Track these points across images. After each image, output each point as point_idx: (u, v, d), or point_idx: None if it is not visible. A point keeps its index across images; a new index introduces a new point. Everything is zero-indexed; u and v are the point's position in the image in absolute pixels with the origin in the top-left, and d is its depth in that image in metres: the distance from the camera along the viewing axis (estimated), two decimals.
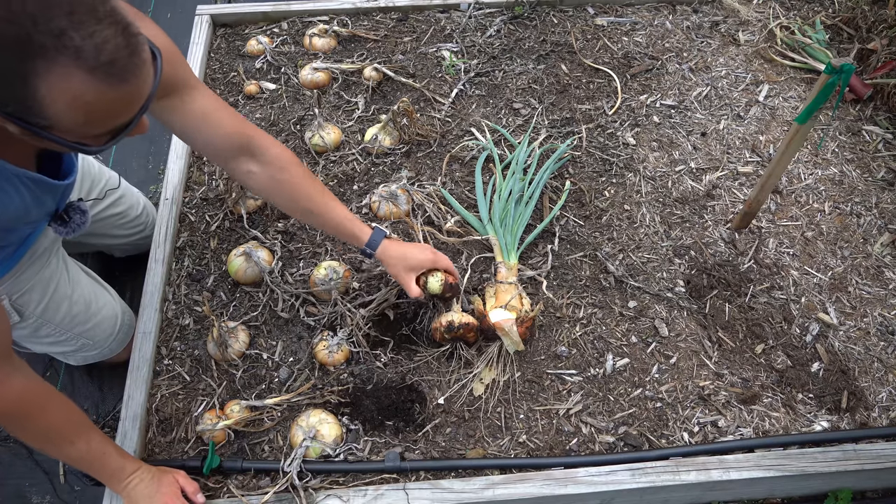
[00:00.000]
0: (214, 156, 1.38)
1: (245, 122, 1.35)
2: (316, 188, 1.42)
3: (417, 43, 2.26)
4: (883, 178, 1.97)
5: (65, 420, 1.20)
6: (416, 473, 1.42)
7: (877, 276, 1.77)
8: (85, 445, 1.22)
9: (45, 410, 1.16)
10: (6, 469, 1.81)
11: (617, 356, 1.60)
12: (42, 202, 1.15)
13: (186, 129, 1.27)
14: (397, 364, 1.57)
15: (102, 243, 1.91)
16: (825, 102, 1.38)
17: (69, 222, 1.27)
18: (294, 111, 2.06)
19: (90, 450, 1.23)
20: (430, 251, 1.52)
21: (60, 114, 0.80)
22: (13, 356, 1.14)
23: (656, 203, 1.88)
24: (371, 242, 1.45)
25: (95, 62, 0.77)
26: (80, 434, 1.22)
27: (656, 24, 2.34)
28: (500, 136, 2.01)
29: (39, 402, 1.16)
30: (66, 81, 0.77)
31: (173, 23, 2.86)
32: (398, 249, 1.48)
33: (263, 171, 1.36)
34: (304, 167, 1.42)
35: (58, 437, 1.20)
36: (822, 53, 2.19)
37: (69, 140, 0.86)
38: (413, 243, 1.56)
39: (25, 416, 1.15)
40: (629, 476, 1.38)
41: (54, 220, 1.26)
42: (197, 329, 1.63)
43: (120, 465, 1.27)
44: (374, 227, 1.47)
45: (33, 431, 1.19)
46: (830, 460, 1.41)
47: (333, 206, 1.43)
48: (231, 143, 1.31)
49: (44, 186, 1.11)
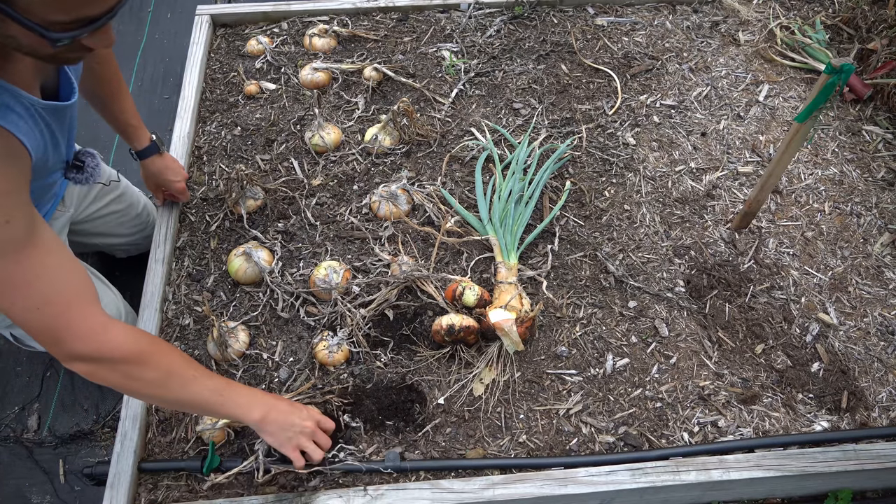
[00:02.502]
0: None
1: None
2: (118, 88, 1.52)
3: (417, 43, 2.26)
4: (883, 178, 1.97)
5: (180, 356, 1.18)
6: (416, 473, 1.42)
7: (877, 276, 1.77)
8: (209, 379, 1.20)
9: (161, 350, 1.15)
10: (6, 469, 1.81)
11: (617, 356, 1.60)
12: (55, 140, 1.15)
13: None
14: (397, 364, 1.57)
15: (104, 242, 1.91)
16: (825, 102, 1.38)
17: (84, 167, 1.30)
18: (294, 111, 2.06)
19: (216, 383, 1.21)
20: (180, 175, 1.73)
21: None
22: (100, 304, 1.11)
23: (656, 203, 1.88)
24: (142, 152, 1.64)
25: None
26: (199, 367, 1.20)
27: (656, 24, 2.34)
28: (500, 136, 2.01)
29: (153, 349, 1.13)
30: None
31: (173, 23, 2.86)
32: (158, 165, 1.68)
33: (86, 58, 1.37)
34: (117, 68, 1.51)
35: (179, 376, 1.17)
36: (822, 53, 2.19)
37: (30, 20, 0.82)
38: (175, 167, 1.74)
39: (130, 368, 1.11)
40: (629, 476, 1.38)
41: (70, 170, 1.29)
42: (197, 329, 1.63)
43: (250, 393, 1.27)
44: (152, 141, 1.64)
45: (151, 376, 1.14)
46: (830, 460, 1.41)
47: (125, 108, 1.56)
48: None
49: (53, 113, 1.11)
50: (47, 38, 0.85)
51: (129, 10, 2.90)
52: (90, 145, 1.81)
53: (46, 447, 1.84)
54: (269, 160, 1.95)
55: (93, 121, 2.55)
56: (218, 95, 2.12)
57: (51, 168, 1.19)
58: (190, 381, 1.18)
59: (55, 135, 1.14)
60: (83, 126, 2.52)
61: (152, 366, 1.13)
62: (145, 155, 1.65)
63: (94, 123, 2.54)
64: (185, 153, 1.93)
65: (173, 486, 1.41)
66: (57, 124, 1.14)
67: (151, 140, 1.64)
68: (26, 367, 1.98)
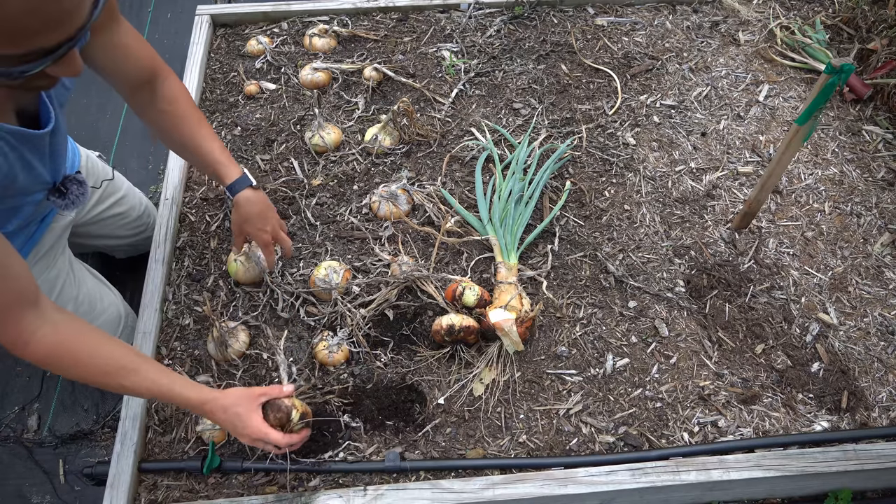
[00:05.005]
0: (122, 87, 1.35)
1: (154, 53, 1.36)
2: (196, 125, 1.41)
3: (417, 43, 2.26)
4: (883, 178, 1.97)
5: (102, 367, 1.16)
6: (416, 473, 1.42)
7: (877, 276, 1.77)
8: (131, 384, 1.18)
9: (77, 361, 1.14)
10: (6, 469, 1.81)
11: (617, 356, 1.60)
12: (29, 164, 1.12)
13: (104, 63, 1.26)
14: (397, 364, 1.57)
15: (104, 244, 1.91)
16: (825, 102, 1.38)
17: (67, 194, 1.26)
18: (294, 111, 2.07)
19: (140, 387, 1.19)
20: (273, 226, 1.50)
21: None
22: (40, 304, 1.10)
23: (656, 203, 1.88)
24: (232, 186, 1.44)
25: None
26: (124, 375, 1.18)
27: (656, 24, 2.34)
28: (500, 136, 2.01)
29: (70, 354, 1.13)
30: None
31: (173, 23, 2.86)
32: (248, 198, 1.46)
33: (158, 101, 1.36)
34: (193, 104, 1.42)
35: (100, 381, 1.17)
36: (822, 53, 2.19)
37: None
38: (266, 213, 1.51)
39: (60, 368, 1.13)
40: (629, 476, 1.38)
41: (52, 194, 1.26)
42: (197, 329, 1.63)
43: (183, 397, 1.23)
44: (243, 174, 1.45)
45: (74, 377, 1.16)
46: (830, 460, 1.41)
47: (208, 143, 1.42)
48: (141, 76, 1.32)
49: (24, 140, 1.08)
50: (3, 73, 0.83)
51: (129, 10, 2.91)
52: (90, 145, 1.81)
53: (46, 447, 1.84)
54: (269, 160, 1.95)
55: (92, 120, 2.56)
56: (218, 95, 2.12)
57: (23, 189, 1.16)
58: (114, 385, 1.18)
59: (26, 158, 1.11)
60: (83, 126, 2.53)
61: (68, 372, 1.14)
62: (234, 191, 1.45)
63: (93, 123, 2.55)
64: None
65: (173, 486, 1.41)
66: (29, 149, 1.11)
67: (243, 173, 1.46)
68: (26, 367, 1.98)
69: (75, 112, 2.53)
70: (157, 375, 1.20)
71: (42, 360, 1.11)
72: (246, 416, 1.25)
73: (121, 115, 2.55)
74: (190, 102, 1.41)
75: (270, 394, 1.30)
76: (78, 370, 1.14)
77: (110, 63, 1.27)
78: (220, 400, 1.25)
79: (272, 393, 1.31)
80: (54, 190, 1.26)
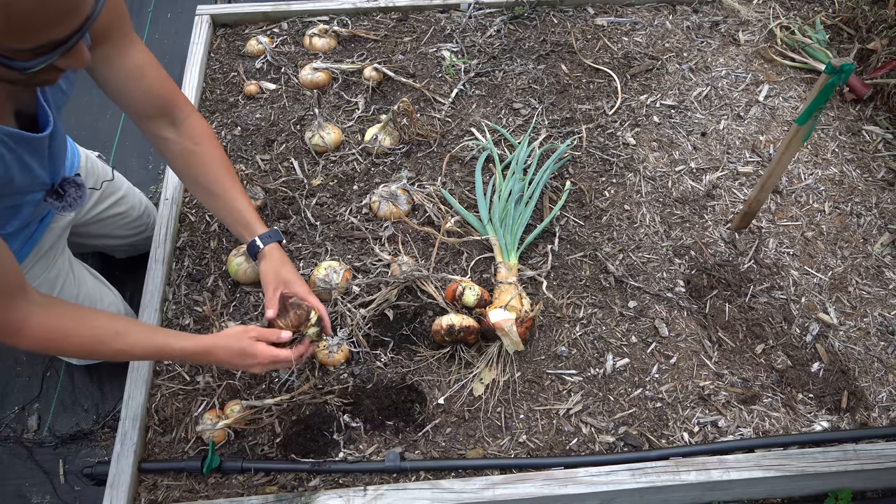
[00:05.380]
0: (135, 114, 1.33)
1: (173, 86, 1.33)
2: (224, 172, 1.38)
3: (417, 43, 2.26)
4: (883, 178, 1.97)
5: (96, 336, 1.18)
6: (416, 473, 1.42)
7: (877, 276, 1.77)
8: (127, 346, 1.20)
9: (70, 335, 1.15)
10: (6, 469, 1.81)
11: (617, 356, 1.60)
12: (27, 165, 1.12)
13: (116, 85, 1.25)
14: (397, 364, 1.57)
15: (103, 244, 1.91)
16: (825, 103, 1.38)
17: (65, 196, 1.26)
18: (294, 111, 2.07)
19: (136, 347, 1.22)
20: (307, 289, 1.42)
21: None
22: (27, 290, 1.11)
23: (656, 203, 1.88)
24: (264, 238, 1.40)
25: None
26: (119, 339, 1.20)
27: (656, 24, 2.34)
28: (500, 136, 2.01)
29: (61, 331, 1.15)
30: None
31: (173, 23, 2.86)
32: (282, 257, 1.42)
33: (178, 140, 1.34)
34: (219, 147, 1.40)
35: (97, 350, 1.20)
36: (822, 53, 2.19)
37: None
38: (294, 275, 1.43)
39: (54, 347, 1.16)
40: (629, 476, 1.38)
41: (49, 195, 1.25)
42: (197, 329, 1.63)
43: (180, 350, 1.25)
44: (273, 229, 1.42)
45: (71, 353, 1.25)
46: (830, 460, 1.41)
47: (237, 194, 1.39)
48: (155, 105, 1.30)
49: (22, 142, 1.08)
50: (14, 67, 0.83)
51: (129, 10, 2.90)
52: (90, 144, 1.81)
53: (46, 447, 1.84)
54: (269, 160, 1.95)
55: (92, 120, 2.55)
56: (218, 95, 2.12)
57: (20, 189, 1.17)
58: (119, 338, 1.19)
59: (24, 161, 1.11)
60: (83, 126, 2.52)
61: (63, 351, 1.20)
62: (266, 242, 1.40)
63: (93, 123, 2.55)
64: None
65: (173, 486, 1.41)
66: (28, 152, 1.11)
67: (273, 228, 1.42)
68: (26, 367, 1.98)
69: (75, 112, 2.53)
70: (151, 333, 1.24)
71: (37, 344, 1.13)
72: (251, 347, 1.28)
73: (121, 115, 2.55)
74: (219, 147, 1.39)
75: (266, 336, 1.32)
76: (71, 344, 1.16)
77: (122, 84, 1.25)
78: (220, 341, 1.28)
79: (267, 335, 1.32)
80: (52, 192, 1.26)
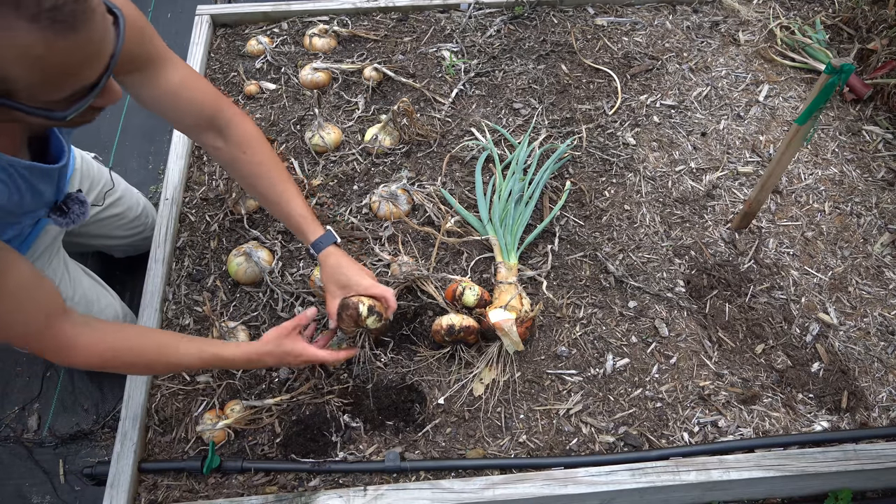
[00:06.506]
0: (185, 129, 1.38)
1: (217, 94, 1.34)
2: (276, 175, 1.40)
3: (417, 43, 2.26)
4: (883, 178, 1.97)
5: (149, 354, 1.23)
6: (416, 473, 1.42)
7: (877, 276, 1.77)
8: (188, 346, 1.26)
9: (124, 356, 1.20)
10: (6, 469, 1.81)
11: (617, 356, 1.60)
12: (38, 191, 1.14)
13: (160, 104, 1.27)
14: (397, 364, 1.57)
15: (101, 244, 1.91)
16: (825, 103, 1.38)
17: (68, 213, 1.27)
18: (294, 111, 2.06)
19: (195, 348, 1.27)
20: (371, 278, 1.44)
21: (13, 73, 0.77)
22: (69, 313, 1.14)
23: (656, 203, 1.88)
24: (316, 244, 1.42)
25: (37, 9, 0.74)
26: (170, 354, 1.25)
27: (656, 24, 2.34)
28: (500, 136, 2.01)
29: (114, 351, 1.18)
30: (10, 33, 0.74)
31: (173, 23, 2.86)
32: (338, 261, 1.43)
33: (227, 147, 1.35)
34: (270, 149, 1.40)
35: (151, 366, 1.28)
36: (822, 53, 2.19)
37: (32, 106, 0.83)
38: (357, 265, 1.46)
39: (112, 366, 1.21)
40: (629, 476, 1.38)
41: (53, 212, 1.26)
42: (197, 329, 1.63)
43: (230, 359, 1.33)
44: (326, 230, 1.43)
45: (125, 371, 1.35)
46: (830, 460, 1.41)
47: (289, 197, 1.41)
48: (202, 118, 1.32)
49: (37, 173, 1.10)
50: (53, 118, 0.86)
51: None
52: (89, 145, 1.82)
53: (46, 447, 1.84)
54: None
55: None
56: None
57: (28, 209, 1.18)
58: (167, 356, 1.25)
59: (35, 187, 1.12)
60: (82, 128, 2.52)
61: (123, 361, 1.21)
62: (319, 248, 1.42)
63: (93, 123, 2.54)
64: (185, 153, 1.93)
65: (173, 486, 1.41)
66: (40, 179, 1.12)
67: (326, 229, 1.43)
68: (26, 367, 1.98)
69: None
70: (199, 346, 1.29)
71: (94, 363, 1.17)
72: (293, 348, 1.35)
73: (121, 114, 2.55)
74: (266, 148, 1.38)
75: (300, 322, 1.38)
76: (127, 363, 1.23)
77: (161, 105, 1.26)
78: (265, 347, 1.34)
79: (301, 321, 1.39)
80: (56, 208, 1.26)
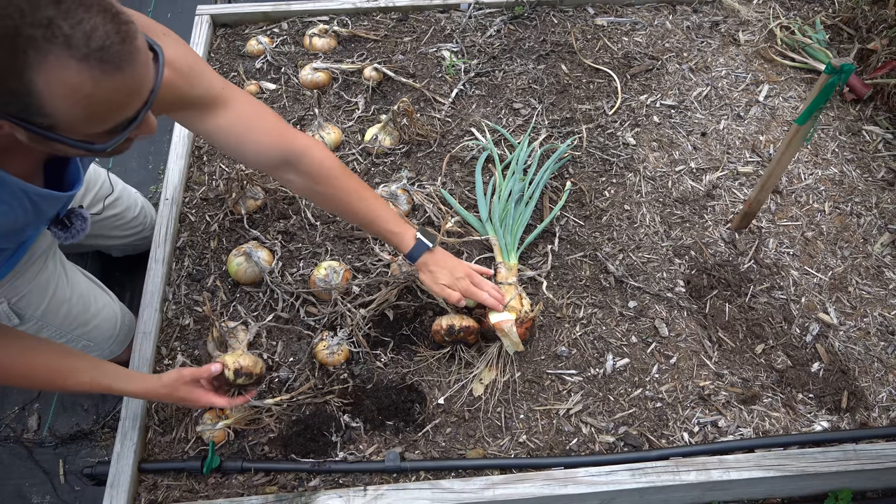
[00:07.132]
0: (255, 167, 1.43)
1: (284, 128, 1.33)
2: (356, 202, 1.40)
3: (417, 43, 2.26)
4: (883, 178, 1.97)
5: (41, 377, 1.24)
6: (416, 473, 1.42)
7: (877, 276, 1.77)
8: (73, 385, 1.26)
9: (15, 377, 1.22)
10: (6, 469, 1.81)
11: (617, 356, 1.60)
12: (43, 212, 1.15)
13: (222, 143, 1.28)
14: (397, 364, 1.57)
15: (100, 244, 1.91)
16: (825, 103, 1.38)
17: (70, 228, 1.27)
18: (294, 111, 2.06)
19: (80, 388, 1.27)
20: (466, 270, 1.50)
21: (60, 108, 0.80)
22: None
23: (656, 203, 1.88)
24: (411, 255, 1.45)
25: (87, 49, 0.76)
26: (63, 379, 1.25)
27: (656, 24, 2.34)
28: (500, 136, 2.01)
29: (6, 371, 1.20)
30: (60, 72, 0.76)
31: (173, 23, 2.86)
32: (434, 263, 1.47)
33: (301, 180, 1.35)
34: (343, 171, 1.38)
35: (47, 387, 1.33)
36: (822, 53, 2.19)
37: (74, 139, 0.85)
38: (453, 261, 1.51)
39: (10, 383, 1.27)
40: (629, 476, 1.38)
41: (54, 225, 1.26)
42: (197, 329, 1.63)
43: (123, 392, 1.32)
44: (417, 240, 1.45)
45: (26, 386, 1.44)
46: (830, 460, 1.41)
47: (372, 218, 1.42)
48: (270, 155, 1.31)
49: (50, 200, 1.11)
50: (93, 150, 0.89)
51: None
52: None
53: (46, 447, 1.84)
54: None
55: None
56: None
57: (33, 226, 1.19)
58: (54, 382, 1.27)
59: (41, 208, 1.13)
60: None
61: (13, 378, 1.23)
62: (414, 257, 1.46)
63: None
64: (185, 153, 1.93)
65: (173, 486, 1.41)
66: (49, 204, 1.13)
67: (416, 238, 1.45)
68: None
69: None
70: (94, 376, 1.27)
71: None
72: (187, 395, 1.34)
73: None
74: (342, 174, 1.38)
75: (200, 375, 1.36)
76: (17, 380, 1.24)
77: (227, 145, 1.28)
78: (161, 389, 1.33)
79: (201, 375, 1.37)
80: (58, 221, 1.26)
